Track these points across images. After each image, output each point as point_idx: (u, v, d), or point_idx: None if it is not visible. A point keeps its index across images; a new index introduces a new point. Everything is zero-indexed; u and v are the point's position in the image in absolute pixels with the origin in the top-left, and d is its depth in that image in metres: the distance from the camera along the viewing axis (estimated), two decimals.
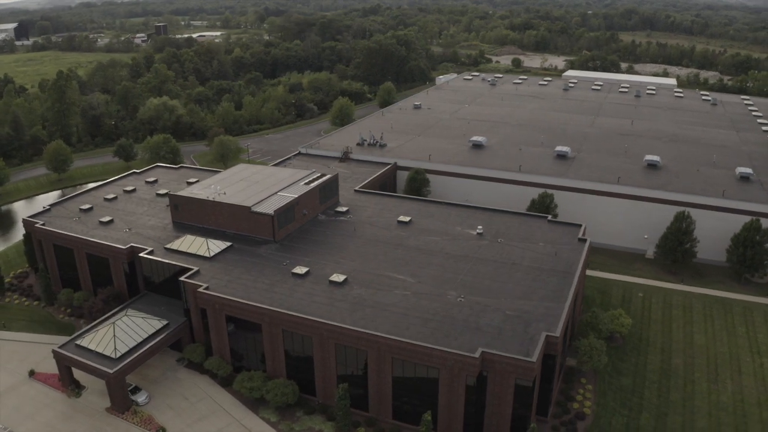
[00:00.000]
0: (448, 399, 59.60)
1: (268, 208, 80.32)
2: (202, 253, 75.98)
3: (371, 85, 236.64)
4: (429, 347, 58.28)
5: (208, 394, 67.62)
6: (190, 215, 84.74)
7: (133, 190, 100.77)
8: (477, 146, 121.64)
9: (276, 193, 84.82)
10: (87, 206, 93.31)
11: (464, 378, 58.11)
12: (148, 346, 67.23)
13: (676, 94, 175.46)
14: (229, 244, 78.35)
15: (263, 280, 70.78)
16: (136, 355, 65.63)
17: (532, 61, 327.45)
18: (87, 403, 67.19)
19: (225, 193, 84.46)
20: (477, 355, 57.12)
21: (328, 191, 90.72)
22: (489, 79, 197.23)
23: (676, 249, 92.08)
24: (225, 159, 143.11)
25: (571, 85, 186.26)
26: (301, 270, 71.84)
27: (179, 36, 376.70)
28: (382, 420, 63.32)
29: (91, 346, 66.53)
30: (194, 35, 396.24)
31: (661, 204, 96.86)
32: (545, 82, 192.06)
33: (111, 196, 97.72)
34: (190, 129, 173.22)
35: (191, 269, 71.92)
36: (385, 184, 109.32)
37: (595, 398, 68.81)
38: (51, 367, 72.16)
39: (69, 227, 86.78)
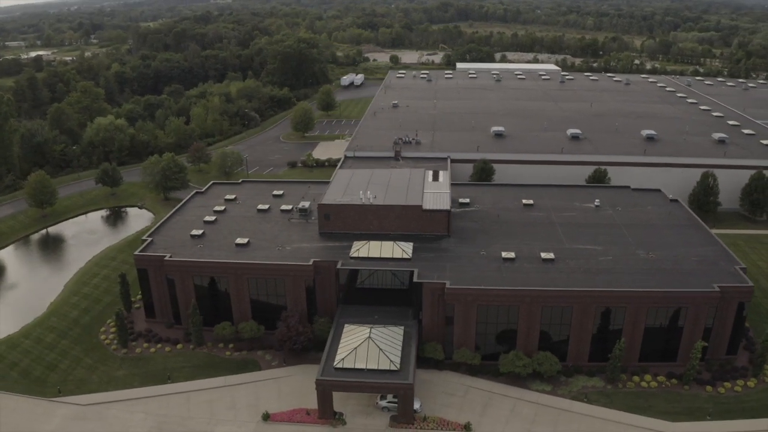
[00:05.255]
0: (692, 331, 70.54)
1: (437, 204, 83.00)
2: (398, 256, 76.44)
3: (286, 89, 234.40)
4: (683, 291, 69.09)
5: (466, 385, 69.71)
6: (343, 223, 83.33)
7: (224, 211, 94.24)
8: (499, 135, 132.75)
9: (423, 191, 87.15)
10: (197, 232, 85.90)
11: (706, 310, 69.64)
12: (412, 353, 67.17)
13: (591, 78, 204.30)
14: (412, 243, 79.60)
15: (484, 269, 74.44)
16: (412, 363, 65.39)
17: (408, 57, 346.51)
18: (360, 427, 64.46)
19: (375, 197, 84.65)
20: (717, 288, 69.08)
21: None
22: (423, 76, 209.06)
23: (707, 202, 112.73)
24: (229, 174, 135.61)
25: (501, 76, 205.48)
26: (509, 255, 76.81)
27: (24, 57, 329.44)
28: (630, 365, 71.84)
29: (359, 366, 64.37)
30: (33, 55, 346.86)
31: (683, 168, 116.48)
32: (474, 75, 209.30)
33: (210, 218, 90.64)
34: (147, 148, 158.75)
35: (413, 270, 72.81)
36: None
37: None
38: (277, 405, 67.55)
39: (206, 255, 79.93)
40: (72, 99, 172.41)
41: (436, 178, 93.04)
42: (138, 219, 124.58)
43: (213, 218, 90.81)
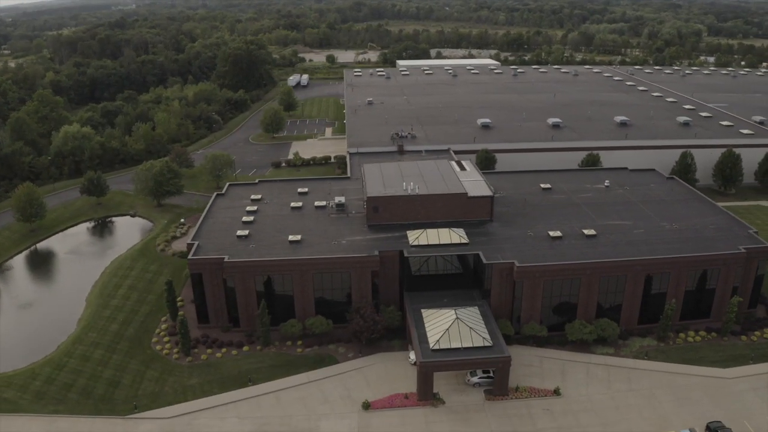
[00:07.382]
0: (723, 289, 79.57)
1: (480, 191, 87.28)
2: (456, 241, 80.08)
3: (236, 91, 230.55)
4: (717, 254, 77.72)
5: (539, 355, 74.66)
6: (391, 214, 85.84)
7: (257, 211, 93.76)
8: (486, 126, 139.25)
9: (461, 180, 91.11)
10: (243, 233, 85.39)
11: (735, 269, 78.78)
12: (496, 329, 71.16)
13: (540, 70, 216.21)
14: (462, 229, 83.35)
15: (538, 248, 79.70)
16: (500, 337, 69.40)
17: (343, 56, 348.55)
18: (459, 403, 67.52)
19: (418, 188, 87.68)
20: (744, 250, 78.34)
21: None
22: (381, 74, 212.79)
23: (687, 179, 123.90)
24: (220, 177, 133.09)
25: (456, 72, 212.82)
26: (556, 233, 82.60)
27: None
28: (674, 324, 79.60)
29: (455, 345, 67.58)
30: None
31: (663, 150, 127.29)
32: (430, 72, 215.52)
33: (248, 219, 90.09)
34: (119, 156, 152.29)
35: (478, 253, 76.81)
36: None
37: None
38: (371, 394, 69.03)
39: (263, 254, 79.86)
40: (29, 108, 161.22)
41: (462, 167, 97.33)
42: (134, 227, 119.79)
43: (251, 218, 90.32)
